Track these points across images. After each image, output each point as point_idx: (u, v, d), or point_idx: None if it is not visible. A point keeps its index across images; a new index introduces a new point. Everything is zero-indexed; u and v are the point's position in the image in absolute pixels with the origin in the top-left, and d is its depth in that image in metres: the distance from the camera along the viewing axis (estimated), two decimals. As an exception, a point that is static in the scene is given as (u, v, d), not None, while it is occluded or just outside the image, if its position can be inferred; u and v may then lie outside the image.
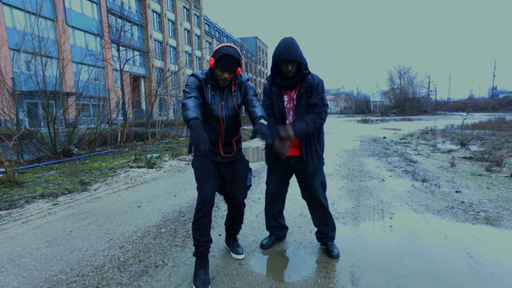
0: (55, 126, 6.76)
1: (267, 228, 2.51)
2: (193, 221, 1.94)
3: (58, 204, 3.66)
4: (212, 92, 2.01)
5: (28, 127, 6.62)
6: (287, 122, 2.23)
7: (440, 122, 20.98)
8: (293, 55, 2.08)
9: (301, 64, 2.11)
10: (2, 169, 5.02)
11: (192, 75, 1.98)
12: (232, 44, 1.96)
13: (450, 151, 7.32)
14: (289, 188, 2.46)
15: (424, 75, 68.87)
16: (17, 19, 16.53)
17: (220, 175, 2.12)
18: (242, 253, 2.32)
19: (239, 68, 1.95)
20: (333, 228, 2.34)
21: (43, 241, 2.62)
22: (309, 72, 2.18)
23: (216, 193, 2.10)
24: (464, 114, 8.72)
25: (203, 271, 1.93)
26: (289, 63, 2.10)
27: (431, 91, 52.98)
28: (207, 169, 2.00)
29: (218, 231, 2.75)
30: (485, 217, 2.99)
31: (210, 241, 1.97)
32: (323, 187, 2.29)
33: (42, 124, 6.91)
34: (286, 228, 2.59)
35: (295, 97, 2.19)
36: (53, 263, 2.23)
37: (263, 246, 2.45)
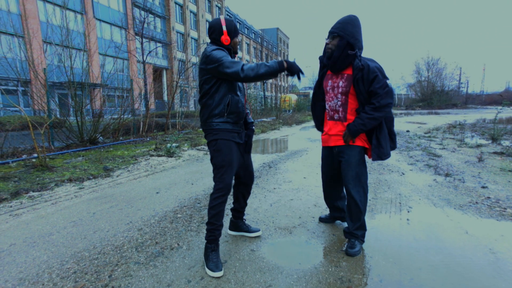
0: (82, 115, 7.10)
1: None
2: (211, 205, 1.96)
3: (83, 188, 3.88)
4: None
5: (58, 117, 7.00)
6: (326, 106, 2.21)
7: (471, 116, 19.83)
8: (337, 28, 1.94)
9: (342, 44, 1.93)
10: (35, 155, 5.37)
11: (219, 49, 1.93)
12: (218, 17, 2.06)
13: (479, 146, 6.93)
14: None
15: (455, 66, 64.85)
16: (48, 12, 17.33)
17: (241, 156, 2.14)
18: (259, 229, 2.45)
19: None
20: (359, 226, 2.16)
21: (69, 221, 2.80)
22: (356, 56, 1.95)
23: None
24: (499, 107, 8.16)
25: (215, 254, 1.98)
26: (330, 36, 1.99)
27: (461, 83, 50.08)
28: (234, 154, 2.01)
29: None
30: (512, 214, 2.83)
31: (222, 225, 2.03)
32: (359, 179, 2.09)
33: (71, 113, 7.28)
34: (341, 210, 2.51)
35: (340, 84, 2.05)
36: (78, 241, 2.39)
37: (321, 219, 2.69)
